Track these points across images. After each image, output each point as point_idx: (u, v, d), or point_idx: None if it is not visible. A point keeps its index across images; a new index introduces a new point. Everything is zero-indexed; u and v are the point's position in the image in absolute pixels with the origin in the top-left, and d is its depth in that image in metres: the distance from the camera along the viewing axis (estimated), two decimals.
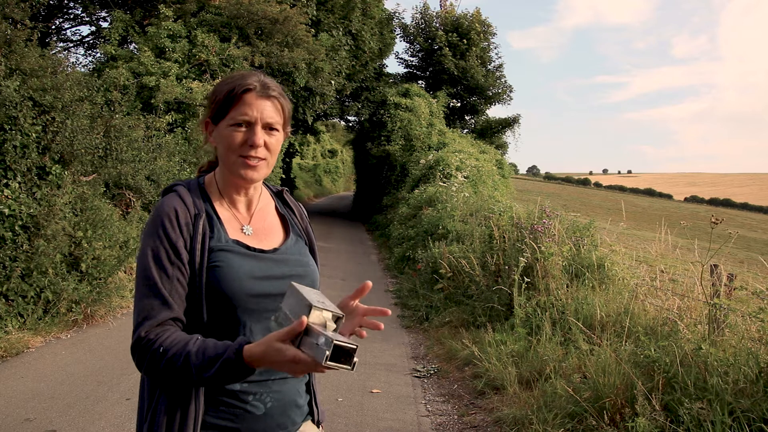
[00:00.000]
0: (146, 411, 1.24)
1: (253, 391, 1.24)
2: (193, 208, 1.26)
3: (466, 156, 15.60)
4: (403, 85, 21.46)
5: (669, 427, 2.88)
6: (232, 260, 1.24)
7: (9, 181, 5.24)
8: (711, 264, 3.92)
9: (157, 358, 1.13)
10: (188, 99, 10.31)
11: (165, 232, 1.21)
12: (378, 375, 4.81)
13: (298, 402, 1.33)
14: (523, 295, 5.04)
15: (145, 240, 1.23)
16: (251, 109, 1.26)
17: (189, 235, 1.22)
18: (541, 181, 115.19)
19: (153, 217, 1.24)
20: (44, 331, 5.36)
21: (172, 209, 1.23)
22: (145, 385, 1.27)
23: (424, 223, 9.99)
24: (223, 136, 1.28)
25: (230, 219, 1.32)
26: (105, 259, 6.21)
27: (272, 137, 1.29)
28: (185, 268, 1.21)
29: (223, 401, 1.23)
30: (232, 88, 1.27)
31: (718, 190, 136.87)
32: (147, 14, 12.07)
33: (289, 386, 1.30)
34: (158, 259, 1.20)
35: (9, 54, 5.66)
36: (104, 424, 3.64)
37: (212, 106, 1.31)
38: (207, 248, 1.23)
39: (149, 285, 1.19)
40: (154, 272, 1.19)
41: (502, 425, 3.70)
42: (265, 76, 1.33)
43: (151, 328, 1.17)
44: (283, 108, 1.32)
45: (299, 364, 1.03)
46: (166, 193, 1.30)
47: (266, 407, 1.25)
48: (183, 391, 1.19)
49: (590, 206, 45.60)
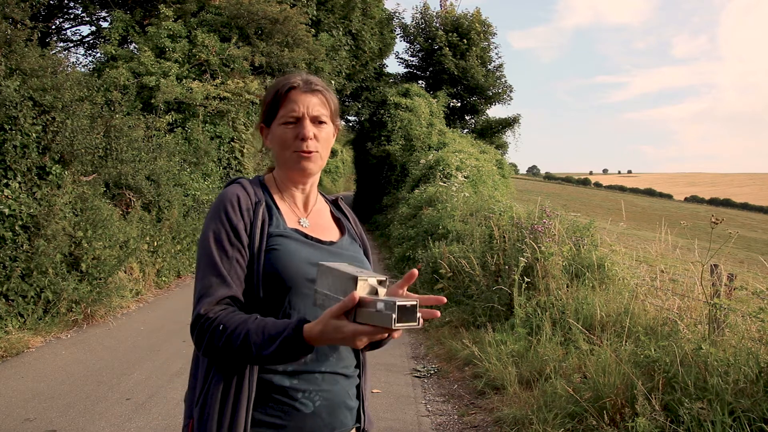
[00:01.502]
0: (198, 394, 1.25)
1: (302, 389, 1.24)
2: (254, 196, 1.31)
3: (466, 156, 15.59)
4: (403, 85, 21.47)
5: (669, 427, 2.88)
6: (290, 245, 1.28)
7: (9, 181, 5.24)
8: (711, 264, 3.92)
9: (217, 335, 1.15)
10: (188, 99, 10.31)
11: (227, 216, 1.26)
12: (378, 375, 4.81)
13: (348, 404, 1.33)
14: (523, 295, 5.04)
15: (207, 223, 1.28)
16: (297, 105, 1.32)
17: (249, 219, 1.27)
18: (541, 181, 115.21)
19: (216, 202, 1.30)
20: (44, 331, 5.36)
21: (235, 195, 1.29)
22: (200, 367, 1.28)
23: (425, 223, 9.99)
24: (276, 136, 1.34)
25: (288, 212, 1.36)
26: (105, 259, 6.22)
27: (321, 130, 1.34)
28: (245, 251, 1.25)
29: (272, 398, 1.23)
30: (278, 89, 1.34)
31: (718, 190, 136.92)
32: (147, 14, 12.08)
33: (339, 387, 1.30)
34: (219, 240, 1.24)
35: (9, 54, 5.67)
36: (104, 424, 3.64)
37: (263, 110, 1.38)
38: (266, 233, 1.27)
39: (209, 264, 1.23)
40: (214, 252, 1.23)
41: (502, 425, 3.69)
42: (308, 74, 1.38)
43: (210, 306, 1.19)
44: (328, 101, 1.37)
45: (362, 336, 1.05)
46: (228, 185, 1.35)
47: (315, 406, 1.25)
48: (237, 378, 1.20)
49: (590, 206, 45.61)
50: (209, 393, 1.21)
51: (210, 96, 10.65)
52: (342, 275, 1.10)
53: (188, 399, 1.31)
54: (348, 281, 1.08)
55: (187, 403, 1.30)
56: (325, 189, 37.31)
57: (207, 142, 10.41)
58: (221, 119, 11.03)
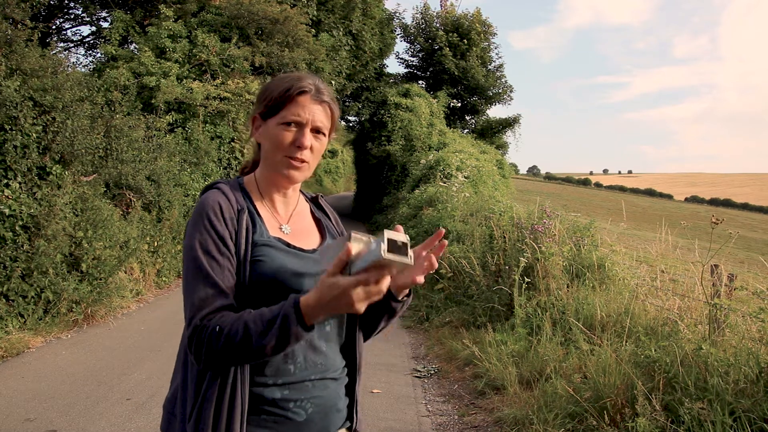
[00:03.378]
0: (191, 410, 1.21)
1: (294, 398, 1.24)
2: (236, 204, 1.28)
3: (467, 156, 15.58)
4: (403, 85, 21.46)
5: (669, 428, 2.88)
6: (275, 255, 1.25)
7: (9, 181, 5.24)
8: (711, 264, 3.92)
9: (214, 337, 1.12)
10: (188, 99, 10.31)
11: (211, 225, 1.22)
12: (378, 375, 4.81)
13: (339, 406, 1.33)
14: (524, 295, 5.04)
15: (191, 234, 1.23)
16: (304, 111, 1.28)
17: (234, 228, 1.24)
18: (542, 181, 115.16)
19: (197, 211, 1.26)
20: (44, 331, 5.36)
21: (216, 203, 1.25)
22: (189, 381, 1.24)
23: (425, 223, 9.99)
24: (271, 134, 1.30)
25: (269, 217, 1.34)
26: (105, 259, 6.22)
27: (318, 141, 1.31)
28: (233, 258, 1.22)
29: (265, 410, 1.22)
30: (288, 87, 1.29)
31: (719, 190, 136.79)
32: (147, 14, 12.09)
33: (329, 391, 1.30)
34: (207, 250, 1.20)
35: (9, 54, 5.67)
36: (104, 424, 3.64)
37: (264, 102, 1.32)
38: (251, 242, 1.25)
39: (201, 275, 1.19)
40: (204, 262, 1.19)
41: (503, 425, 3.69)
42: (319, 80, 1.34)
43: (208, 316, 1.16)
44: (332, 113, 1.34)
45: (357, 287, 1.02)
46: (206, 190, 1.32)
47: (307, 413, 1.25)
48: (230, 392, 1.18)
49: (590, 206, 45.60)
50: (203, 408, 1.19)
51: (210, 96, 10.65)
52: (339, 243, 1.10)
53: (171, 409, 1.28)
54: (343, 241, 1.07)
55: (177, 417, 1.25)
56: (326, 189, 37.29)
57: (207, 143, 10.41)
58: (221, 119, 11.03)
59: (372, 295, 1.05)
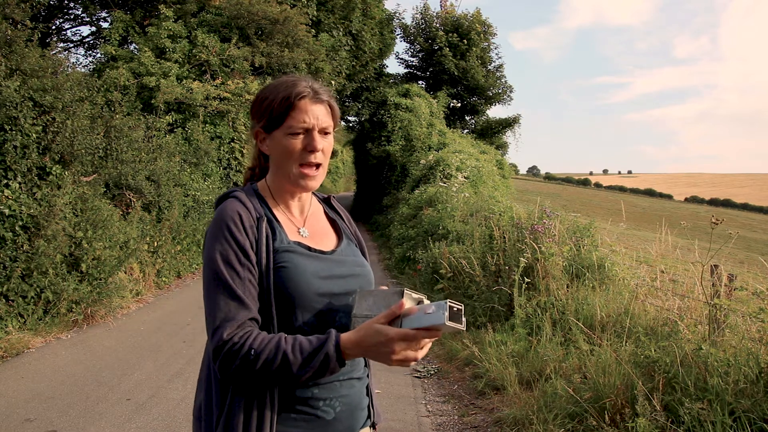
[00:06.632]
0: (217, 417, 1.22)
1: (323, 397, 1.25)
2: (255, 211, 1.28)
3: (467, 156, 15.58)
4: (403, 86, 21.46)
5: (669, 428, 2.88)
6: (298, 260, 1.26)
7: (9, 181, 5.24)
8: (711, 264, 3.91)
9: (250, 361, 1.13)
10: (188, 99, 10.32)
11: (232, 235, 1.21)
12: (378, 375, 4.81)
13: (362, 404, 1.36)
14: (524, 296, 5.04)
15: (210, 245, 1.22)
16: (308, 116, 1.28)
17: (254, 237, 1.24)
18: (542, 181, 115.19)
19: (216, 221, 1.25)
20: (44, 331, 5.36)
21: (236, 213, 1.24)
22: (214, 387, 1.24)
23: (425, 223, 9.99)
24: (280, 145, 1.29)
25: (287, 222, 1.34)
26: (105, 259, 6.22)
27: (326, 141, 1.32)
28: (255, 269, 1.22)
29: (295, 409, 1.23)
30: (287, 96, 1.27)
31: (719, 191, 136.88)
32: (147, 14, 12.09)
33: (355, 390, 1.32)
34: (228, 261, 1.20)
35: (9, 54, 5.66)
36: (104, 425, 3.64)
37: (266, 116, 1.31)
38: (272, 249, 1.25)
39: (224, 287, 1.19)
40: (225, 274, 1.19)
41: (503, 425, 3.69)
42: (312, 80, 1.33)
43: (232, 330, 1.15)
44: (333, 110, 1.34)
45: (402, 342, 1.07)
46: (223, 198, 1.31)
47: (336, 412, 1.27)
48: (259, 396, 1.19)
49: (590, 206, 45.61)
50: (232, 414, 1.19)
51: (210, 96, 10.65)
52: (385, 292, 1.15)
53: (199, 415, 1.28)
54: (393, 295, 1.12)
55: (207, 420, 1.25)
56: (325, 189, 37.31)
57: (207, 143, 10.41)
58: (221, 119, 11.03)
59: (409, 359, 1.10)
